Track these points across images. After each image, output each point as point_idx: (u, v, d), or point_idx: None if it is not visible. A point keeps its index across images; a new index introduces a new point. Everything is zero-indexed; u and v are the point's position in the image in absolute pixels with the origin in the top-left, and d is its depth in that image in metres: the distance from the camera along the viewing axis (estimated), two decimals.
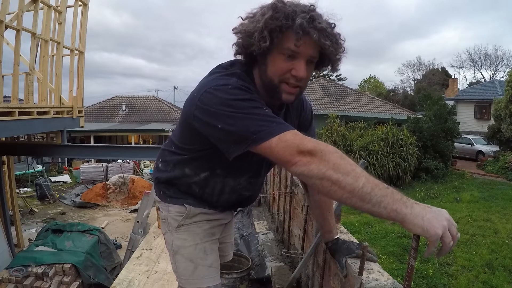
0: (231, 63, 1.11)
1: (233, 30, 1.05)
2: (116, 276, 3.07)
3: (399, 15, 66.79)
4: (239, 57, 1.09)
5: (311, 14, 0.95)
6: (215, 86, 0.98)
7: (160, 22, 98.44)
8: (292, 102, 1.09)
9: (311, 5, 0.98)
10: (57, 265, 4.36)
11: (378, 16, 69.08)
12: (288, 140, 0.88)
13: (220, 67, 1.11)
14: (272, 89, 1.04)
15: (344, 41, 1.04)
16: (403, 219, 0.77)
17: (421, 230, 0.76)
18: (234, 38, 1.06)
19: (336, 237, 1.31)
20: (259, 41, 0.97)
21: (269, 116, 0.94)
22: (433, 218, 0.77)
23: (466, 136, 16.64)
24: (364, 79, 40.65)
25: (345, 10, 67.88)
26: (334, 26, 1.00)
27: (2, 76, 4.02)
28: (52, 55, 5.16)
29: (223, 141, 0.98)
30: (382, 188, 0.80)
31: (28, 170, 12.82)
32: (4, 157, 6.03)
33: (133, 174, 13.55)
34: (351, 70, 62.56)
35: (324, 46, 0.96)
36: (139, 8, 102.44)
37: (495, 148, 15.86)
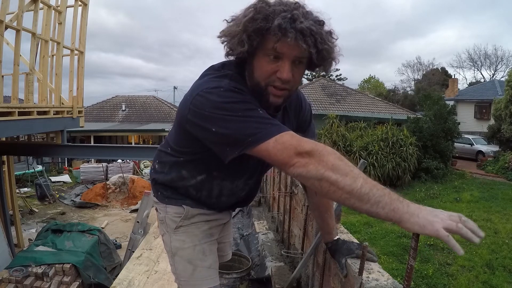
0: (222, 64, 1.09)
1: (218, 34, 1.03)
2: (116, 276, 3.07)
3: (395, 14, 66.80)
4: (231, 58, 1.07)
5: (293, 13, 0.91)
6: (207, 89, 0.97)
7: (155, 22, 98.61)
8: (280, 105, 1.07)
9: (296, 3, 0.94)
10: (57, 265, 4.36)
11: (375, 15, 69.05)
12: (286, 142, 0.87)
13: (212, 68, 1.09)
14: (259, 93, 1.02)
15: (336, 39, 1.00)
16: (401, 218, 0.78)
17: (418, 227, 0.76)
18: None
19: (336, 238, 1.31)
20: (238, 45, 0.96)
21: (265, 118, 0.93)
22: (427, 214, 0.77)
23: (466, 136, 16.62)
24: (364, 79, 40.69)
25: (342, 9, 67.98)
26: (323, 24, 0.96)
27: (2, 76, 4.02)
28: (52, 55, 5.16)
29: (218, 144, 0.97)
30: (379, 188, 0.80)
31: (28, 170, 12.81)
32: (4, 157, 6.03)
33: (133, 174, 13.55)
34: (351, 70, 62.77)
35: (302, 48, 0.92)
36: (133, 8, 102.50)
37: (495, 148, 15.85)
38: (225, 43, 1.01)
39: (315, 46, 0.93)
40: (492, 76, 32.49)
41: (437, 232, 0.74)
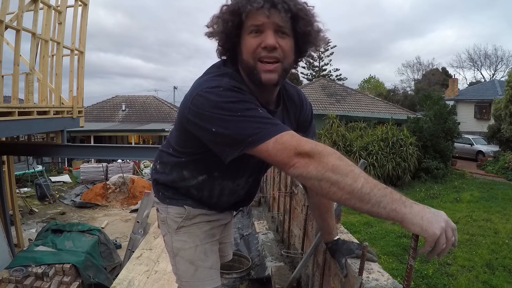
0: (223, 62, 1.10)
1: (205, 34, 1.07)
2: (116, 276, 3.07)
3: (394, 14, 66.68)
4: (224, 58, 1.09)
5: None
6: (207, 88, 0.96)
7: (154, 22, 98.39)
8: (275, 82, 1.02)
9: None
10: (57, 265, 4.36)
11: (373, 15, 68.71)
12: (285, 142, 0.87)
13: (214, 66, 1.10)
14: (251, 73, 1.01)
15: (313, 7, 1.01)
16: (402, 218, 0.78)
17: (419, 229, 0.77)
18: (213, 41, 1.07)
19: (336, 238, 1.31)
20: (213, 26, 1.00)
21: (265, 118, 0.92)
22: (432, 218, 0.77)
23: (466, 136, 16.62)
24: (364, 79, 40.70)
25: (340, 9, 67.90)
26: None
27: (2, 76, 4.02)
28: (52, 55, 5.16)
29: (218, 145, 0.96)
30: (381, 188, 0.80)
31: (28, 170, 12.80)
32: (4, 157, 6.03)
33: (133, 174, 13.54)
34: (351, 70, 62.77)
35: (269, 12, 0.94)
36: (132, 8, 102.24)
37: (495, 148, 15.84)
38: (208, 31, 1.04)
39: (289, 10, 0.95)
40: (492, 76, 32.55)
41: (435, 237, 0.77)
